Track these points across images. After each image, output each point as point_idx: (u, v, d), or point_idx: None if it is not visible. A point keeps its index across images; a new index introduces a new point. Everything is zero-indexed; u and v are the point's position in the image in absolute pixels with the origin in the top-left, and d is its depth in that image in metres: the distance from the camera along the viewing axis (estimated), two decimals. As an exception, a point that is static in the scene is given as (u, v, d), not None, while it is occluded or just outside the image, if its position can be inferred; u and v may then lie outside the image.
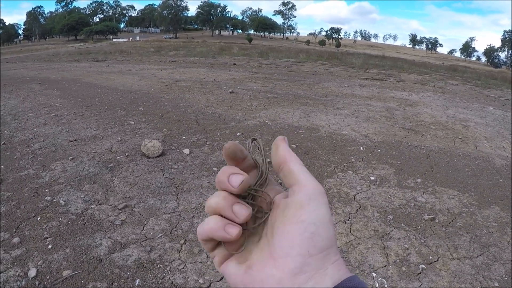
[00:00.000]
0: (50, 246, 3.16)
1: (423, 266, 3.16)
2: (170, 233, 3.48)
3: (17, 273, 2.78)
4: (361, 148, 6.17)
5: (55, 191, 4.21)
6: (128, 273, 2.87)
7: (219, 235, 0.47)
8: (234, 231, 0.46)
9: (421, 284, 2.93)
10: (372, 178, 5.01)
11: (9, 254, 3.02)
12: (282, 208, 0.47)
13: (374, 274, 3.02)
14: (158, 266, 2.99)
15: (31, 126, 6.82)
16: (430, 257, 3.31)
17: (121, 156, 5.35)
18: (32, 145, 5.76)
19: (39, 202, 3.93)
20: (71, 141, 5.95)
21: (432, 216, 4.02)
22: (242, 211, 0.46)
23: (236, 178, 0.47)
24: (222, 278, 2.88)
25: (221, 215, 0.47)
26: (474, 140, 7.34)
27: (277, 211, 0.48)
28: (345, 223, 3.82)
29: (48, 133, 6.36)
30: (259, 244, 0.48)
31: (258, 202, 0.50)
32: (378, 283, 2.92)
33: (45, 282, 2.71)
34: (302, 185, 0.47)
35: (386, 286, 2.89)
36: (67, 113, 7.84)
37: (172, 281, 2.81)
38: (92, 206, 3.91)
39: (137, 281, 2.78)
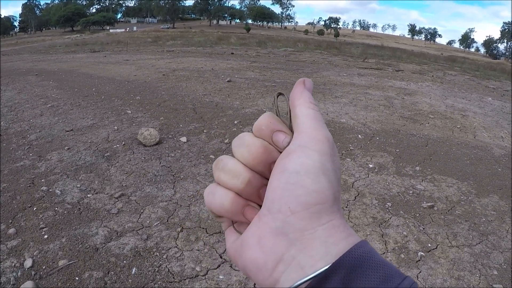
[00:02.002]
0: (46, 236, 3.13)
1: (422, 253, 3.15)
2: (167, 221, 3.46)
3: (13, 264, 2.75)
4: (359, 136, 6.14)
5: (51, 181, 4.18)
6: (125, 261, 2.85)
7: (236, 218, 0.42)
8: (254, 215, 0.40)
9: (420, 272, 2.91)
10: (371, 165, 4.98)
11: (5, 245, 2.99)
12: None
13: (372, 262, 3.00)
14: (155, 254, 2.96)
15: (27, 117, 6.77)
16: (429, 245, 3.29)
17: (118, 145, 5.32)
18: (28, 136, 5.72)
19: (35, 193, 3.90)
20: (68, 131, 5.91)
21: (431, 203, 4.01)
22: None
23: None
24: (219, 265, 2.86)
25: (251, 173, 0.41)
26: (473, 129, 7.32)
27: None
28: (344, 210, 3.80)
29: (44, 124, 6.31)
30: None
31: None
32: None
33: (41, 272, 2.69)
34: (299, 131, 0.40)
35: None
36: (64, 103, 7.79)
37: (168, 269, 2.79)
38: (88, 195, 3.88)
39: (134, 270, 2.76)
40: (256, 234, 0.37)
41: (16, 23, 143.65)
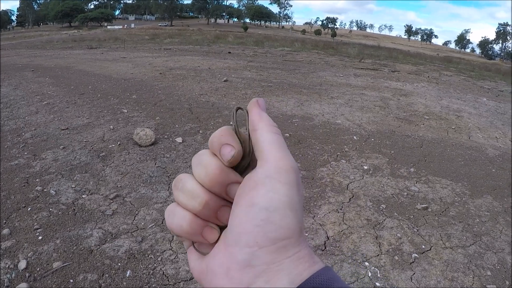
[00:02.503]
0: (40, 237, 3.12)
1: (415, 255, 3.16)
2: (162, 223, 3.45)
3: (7, 265, 2.75)
4: (354, 137, 6.15)
5: (46, 180, 4.17)
6: (119, 264, 2.85)
7: (195, 239, 0.42)
8: (213, 236, 0.41)
9: (414, 273, 2.93)
10: (365, 167, 5.00)
11: (-2, 245, 2.99)
12: (240, 187, 0.40)
13: (366, 264, 3.02)
14: (149, 256, 2.97)
15: (23, 114, 6.75)
16: (423, 246, 3.31)
17: (113, 145, 5.31)
18: (23, 134, 5.70)
19: (29, 192, 3.89)
20: (63, 129, 5.90)
21: (425, 205, 4.02)
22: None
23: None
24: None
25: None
26: (468, 130, 7.35)
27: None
28: (338, 212, 3.81)
29: (40, 122, 6.29)
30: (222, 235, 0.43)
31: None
32: (370, 272, 2.92)
33: (35, 274, 2.68)
34: (264, 159, 0.39)
35: (379, 275, 2.89)
36: (60, 101, 7.77)
37: (163, 272, 2.80)
38: (83, 196, 3.87)
39: (128, 272, 2.76)
40: (224, 265, 0.38)
41: (13, 17, 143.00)
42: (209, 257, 0.41)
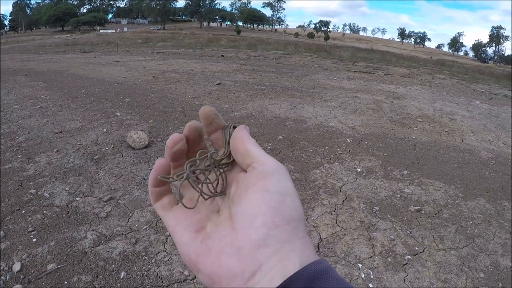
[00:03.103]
0: (34, 240, 3.12)
1: (409, 257, 3.18)
2: (155, 225, 3.46)
3: (1, 268, 2.74)
4: (347, 139, 6.18)
5: (40, 183, 4.16)
6: (113, 265, 2.85)
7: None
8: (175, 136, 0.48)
9: (407, 275, 2.94)
10: (359, 169, 5.02)
11: (-8, 247, 2.98)
12: (242, 180, 0.45)
13: (360, 265, 3.03)
14: (143, 258, 2.97)
15: (16, 118, 6.73)
16: (416, 248, 3.33)
17: (107, 148, 5.31)
18: (17, 137, 5.68)
19: (23, 195, 3.88)
20: (57, 133, 5.89)
21: (418, 207, 4.04)
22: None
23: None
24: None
25: None
26: (461, 133, 7.40)
27: (237, 185, 0.46)
28: (331, 214, 3.82)
29: (33, 125, 6.27)
30: (218, 221, 0.45)
31: (217, 180, 0.48)
32: (364, 274, 2.93)
33: (30, 276, 2.68)
34: (262, 161, 0.44)
35: (372, 276, 2.90)
36: (53, 105, 7.75)
37: (157, 273, 2.80)
38: (77, 199, 3.87)
39: (122, 274, 2.76)
40: (235, 245, 0.39)
41: (6, 22, 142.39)
42: (213, 239, 0.42)
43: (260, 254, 0.37)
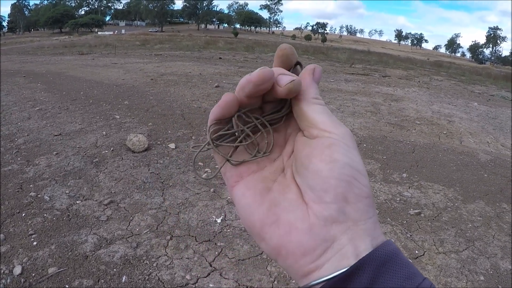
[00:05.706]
0: (35, 243, 3.11)
1: (409, 260, 3.18)
2: (156, 228, 3.46)
3: (2, 271, 2.74)
4: (347, 143, 6.17)
5: (40, 186, 4.16)
6: (115, 269, 2.85)
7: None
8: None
9: (407, 279, 2.94)
10: (359, 173, 5.02)
11: (-8, 251, 2.97)
12: (303, 146, 0.42)
13: (360, 269, 3.03)
14: (145, 262, 2.97)
15: (15, 120, 6.72)
16: (416, 252, 3.34)
17: (106, 151, 5.30)
18: (16, 139, 5.67)
19: (23, 198, 3.87)
20: (56, 135, 5.88)
21: (418, 210, 4.05)
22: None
23: (285, 78, 0.41)
24: (209, 274, 2.87)
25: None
26: (459, 135, 7.41)
27: (292, 145, 0.44)
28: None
29: (33, 128, 6.27)
30: (284, 183, 0.42)
31: (260, 138, 0.45)
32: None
33: (31, 280, 2.68)
34: (323, 128, 0.41)
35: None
36: (52, 107, 7.74)
37: (159, 278, 2.80)
38: (77, 202, 3.86)
39: (124, 278, 2.76)
40: (307, 220, 0.38)
41: (4, 23, 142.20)
42: (281, 209, 0.40)
43: (331, 231, 0.36)
